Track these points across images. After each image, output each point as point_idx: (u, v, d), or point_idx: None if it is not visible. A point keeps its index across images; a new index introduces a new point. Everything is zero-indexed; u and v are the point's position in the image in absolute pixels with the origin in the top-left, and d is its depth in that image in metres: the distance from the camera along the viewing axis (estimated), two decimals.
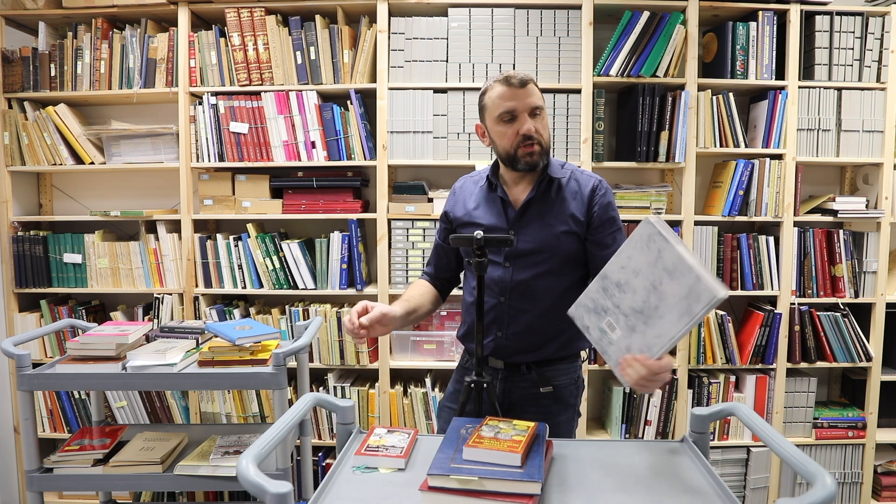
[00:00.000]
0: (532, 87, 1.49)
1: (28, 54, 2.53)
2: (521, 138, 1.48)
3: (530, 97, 1.48)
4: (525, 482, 0.99)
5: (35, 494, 1.88)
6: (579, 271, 1.58)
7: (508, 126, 1.50)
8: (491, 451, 1.04)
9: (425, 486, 1.00)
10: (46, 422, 2.65)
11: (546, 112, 1.54)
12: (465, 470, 1.01)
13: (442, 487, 0.99)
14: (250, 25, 2.45)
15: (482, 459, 1.04)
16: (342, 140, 2.49)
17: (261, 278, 2.54)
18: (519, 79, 1.47)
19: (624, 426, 2.58)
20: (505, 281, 1.54)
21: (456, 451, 1.08)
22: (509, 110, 1.48)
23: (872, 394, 2.58)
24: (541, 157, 1.51)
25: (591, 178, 1.58)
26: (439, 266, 1.72)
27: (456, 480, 0.99)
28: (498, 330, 1.56)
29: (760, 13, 2.45)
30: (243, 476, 0.87)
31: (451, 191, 1.71)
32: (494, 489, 0.99)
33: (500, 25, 2.46)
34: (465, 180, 1.69)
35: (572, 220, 1.53)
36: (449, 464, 1.03)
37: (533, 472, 1.01)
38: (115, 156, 2.59)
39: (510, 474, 1.00)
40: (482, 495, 0.98)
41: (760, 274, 2.55)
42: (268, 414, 2.55)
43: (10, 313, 2.61)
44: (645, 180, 2.73)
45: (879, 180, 2.55)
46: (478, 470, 1.01)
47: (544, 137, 1.51)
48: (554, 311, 1.56)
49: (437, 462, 1.04)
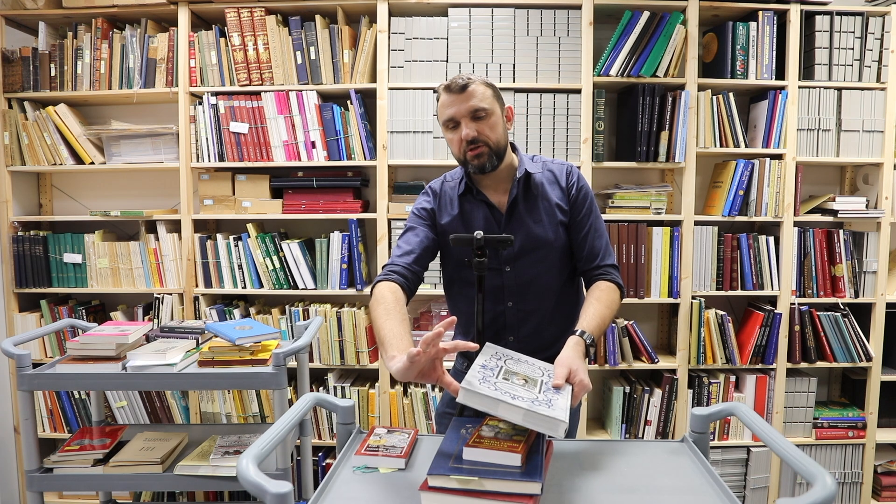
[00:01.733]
0: (474, 89, 1.44)
1: (28, 54, 2.53)
2: (465, 144, 1.46)
3: (471, 100, 1.43)
4: (525, 482, 0.99)
5: (35, 494, 1.88)
6: (573, 261, 1.59)
7: (454, 133, 1.48)
8: (491, 451, 1.04)
9: (425, 487, 1.00)
10: (46, 422, 2.65)
11: (496, 111, 1.47)
12: (465, 470, 1.01)
13: (442, 487, 0.99)
14: (250, 25, 2.45)
15: (482, 459, 1.03)
16: (342, 140, 2.49)
17: (261, 278, 2.54)
18: (459, 84, 1.43)
19: (624, 426, 2.58)
20: (508, 285, 1.53)
21: (456, 451, 1.07)
22: (451, 118, 1.46)
23: (872, 394, 2.58)
24: (489, 158, 1.47)
25: (562, 164, 1.59)
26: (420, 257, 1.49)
27: (456, 480, 0.98)
28: (510, 335, 1.55)
29: (760, 13, 2.45)
30: (243, 476, 0.87)
31: (429, 188, 1.61)
32: (495, 489, 0.98)
33: (500, 25, 2.46)
34: (443, 184, 1.61)
35: (558, 210, 1.53)
36: (449, 463, 1.03)
37: (533, 472, 1.01)
38: (115, 156, 2.59)
39: (510, 474, 1.00)
40: (482, 495, 0.98)
41: (760, 274, 2.55)
42: (268, 414, 2.55)
43: (10, 313, 2.61)
44: (645, 180, 2.73)
45: (879, 180, 2.55)
46: (478, 470, 1.00)
47: (492, 139, 1.46)
48: (559, 305, 1.57)
49: (436, 462, 1.03)
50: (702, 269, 2.53)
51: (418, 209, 1.58)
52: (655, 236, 2.52)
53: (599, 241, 1.55)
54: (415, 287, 1.49)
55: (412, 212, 1.59)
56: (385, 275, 1.44)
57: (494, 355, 1.29)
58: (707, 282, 2.54)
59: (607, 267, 1.54)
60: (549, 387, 1.19)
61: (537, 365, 1.32)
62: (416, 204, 1.61)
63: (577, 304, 1.58)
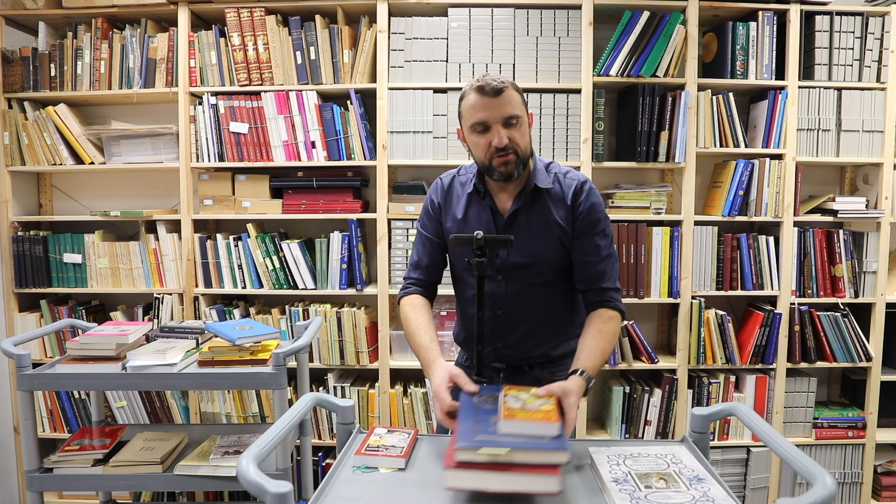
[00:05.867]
0: (508, 95, 1.40)
1: (28, 54, 2.53)
2: (494, 150, 1.42)
3: (505, 106, 1.40)
4: (554, 452, 0.96)
5: (35, 494, 1.87)
6: (572, 277, 1.56)
7: (482, 137, 1.43)
8: (528, 422, 1.01)
9: (451, 463, 0.96)
10: (46, 422, 2.64)
11: (525, 117, 1.45)
12: (494, 442, 0.97)
13: (470, 462, 0.96)
14: (250, 25, 2.45)
15: (520, 431, 1.00)
16: (342, 140, 2.49)
17: (261, 278, 2.54)
18: (493, 87, 1.38)
19: (624, 426, 2.58)
20: (499, 294, 1.52)
21: (476, 423, 1.04)
22: (481, 121, 1.41)
23: (872, 394, 2.58)
24: (517, 167, 1.44)
25: (573, 180, 1.52)
26: (432, 267, 1.61)
27: (485, 454, 0.95)
28: (497, 341, 1.55)
29: (760, 13, 2.45)
30: (243, 476, 0.87)
31: (436, 184, 1.62)
32: (524, 460, 0.95)
33: (500, 25, 2.46)
34: (454, 180, 1.60)
35: (558, 228, 1.49)
36: (473, 437, 0.99)
37: (561, 440, 0.98)
38: (115, 156, 2.59)
39: (538, 444, 0.97)
40: (510, 468, 0.95)
41: (760, 274, 2.55)
42: (268, 414, 2.55)
43: (10, 313, 2.61)
44: (645, 180, 2.73)
45: (879, 180, 2.55)
46: (509, 441, 0.97)
47: (521, 147, 1.44)
48: (551, 316, 1.56)
49: (462, 436, 0.99)
50: (702, 269, 2.53)
51: (427, 207, 1.62)
52: (655, 236, 2.52)
53: (602, 263, 1.49)
54: (435, 289, 1.63)
55: (423, 209, 1.63)
56: (405, 289, 1.61)
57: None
58: (707, 282, 2.54)
59: (610, 291, 1.48)
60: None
61: None
62: (425, 201, 1.63)
63: (567, 319, 1.58)
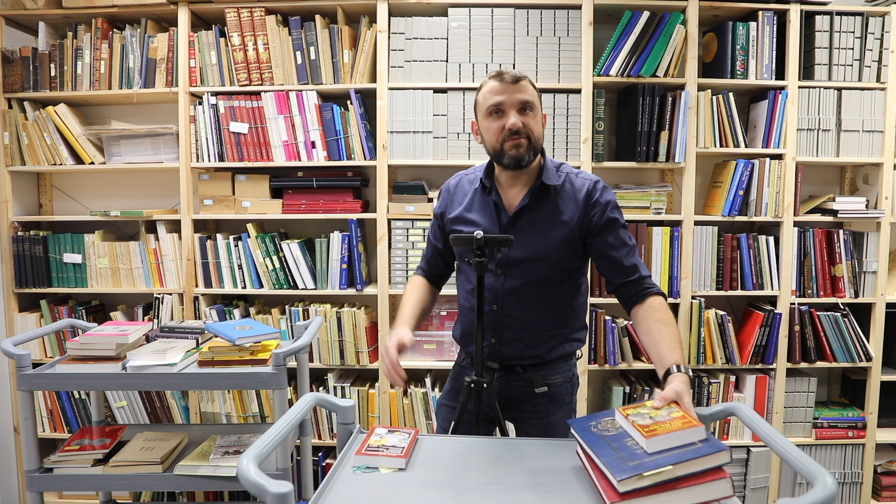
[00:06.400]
0: (525, 85, 1.48)
1: (28, 54, 2.53)
2: (506, 132, 1.46)
3: (520, 93, 1.46)
4: (715, 454, 0.94)
5: (35, 494, 1.87)
6: (572, 277, 1.57)
7: (496, 120, 1.48)
8: (673, 434, 0.98)
9: (615, 497, 0.93)
10: (46, 422, 2.64)
11: (539, 110, 1.51)
12: (655, 463, 0.94)
13: (635, 490, 0.92)
14: (250, 25, 2.45)
15: (669, 446, 0.97)
16: (342, 140, 2.49)
17: (261, 278, 2.54)
18: (512, 75, 1.47)
19: None
20: (497, 288, 1.53)
21: (616, 451, 1.00)
22: (497, 104, 1.47)
23: (872, 394, 2.58)
24: (528, 151, 1.48)
25: (585, 180, 1.54)
26: (432, 264, 1.74)
27: (651, 477, 0.92)
28: (492, 336, 1.56)
29: (760, 13, 2.45)
30: (244, 476, 0.87)
31: (443, 189, 1.68)
32: (687, 472, 0.93)
33: (500, 25, 2.46)
34: (461, 179, 1.66)
35: (566, 228, 1.50)
36: (627, 464, 0.96)
37: (713, 441, 0.95)
38: (115, 156, 2.59)
39: (696, 451, 0.95)
40: (678, 484, 0.92)
41: (760, 274, 2.55)
42: (268, 414, 2.55)
43: (10, 313, 2.61)
44: (645, 180, 2.73)
45: (879, 180, 2.55)
46: (668, 458, 0.94)
47: (534, 133, 1.48)
48: (547, 316, 1.56)
49: (613, 466, 0.96)
50: (702, 269, 2.53)
51: (434, 213, 1.71)
52: (655, 236, 2.52)
53: (631, 255, 1.51)
54: (442, 280, 1.77)
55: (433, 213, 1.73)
56: (416, 271, 1.79)
57: None
58: (707, 282, 2.54)
59: (647, 279, 1.50)
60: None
61: None
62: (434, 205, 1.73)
63: (564, 323, 1.58)
